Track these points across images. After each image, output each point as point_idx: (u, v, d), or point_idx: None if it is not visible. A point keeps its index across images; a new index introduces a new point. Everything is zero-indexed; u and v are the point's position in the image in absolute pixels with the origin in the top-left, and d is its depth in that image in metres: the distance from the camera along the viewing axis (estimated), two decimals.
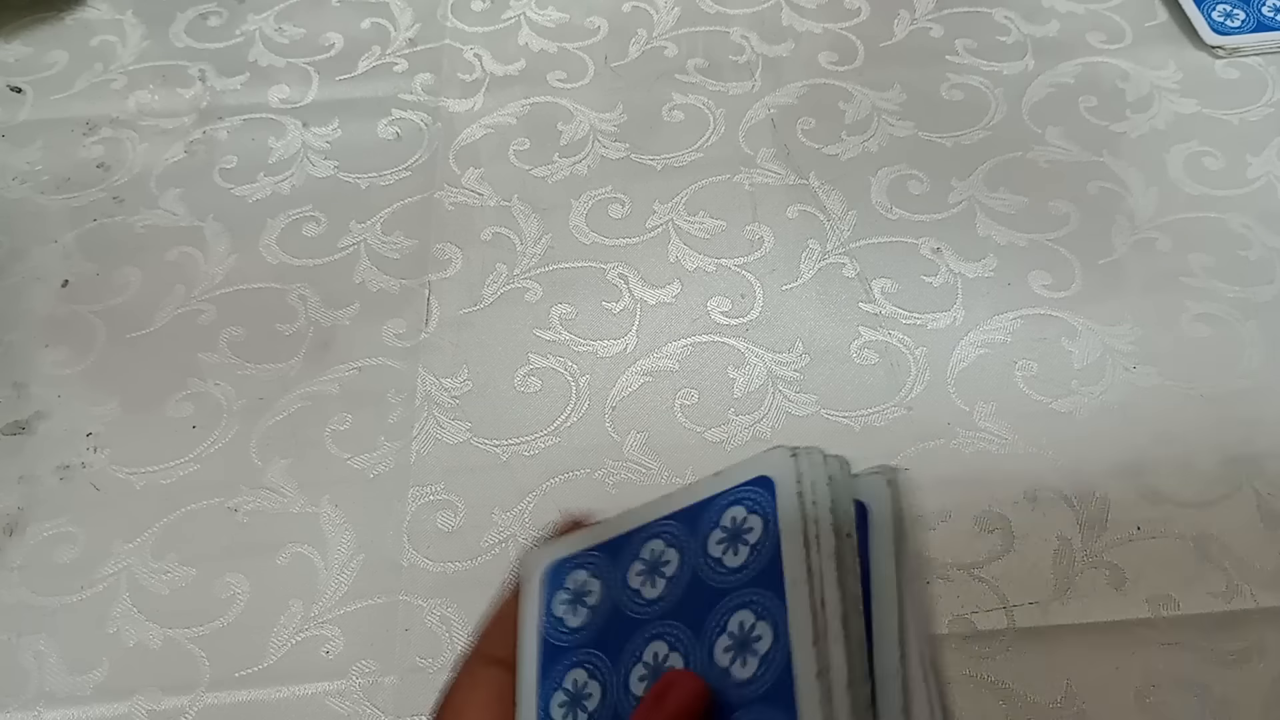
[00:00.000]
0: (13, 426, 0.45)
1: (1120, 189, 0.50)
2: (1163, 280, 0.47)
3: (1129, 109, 0.53)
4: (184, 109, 0.56)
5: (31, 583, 0.41)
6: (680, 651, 0.23)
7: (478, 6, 0.60)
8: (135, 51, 0.58)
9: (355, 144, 0.54)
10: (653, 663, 0.23)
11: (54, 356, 0.47)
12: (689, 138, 0.53)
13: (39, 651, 0.40)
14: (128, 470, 0.44)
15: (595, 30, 0.58)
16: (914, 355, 0.45)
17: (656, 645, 0.23)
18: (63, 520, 0.43)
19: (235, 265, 0.50)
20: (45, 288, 0.49)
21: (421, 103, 0.56)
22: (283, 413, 0.45)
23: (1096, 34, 0.56)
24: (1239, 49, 0.54)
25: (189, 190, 0.52)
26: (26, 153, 0.54)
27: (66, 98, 0.56)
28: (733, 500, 0.24)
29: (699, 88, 0.55)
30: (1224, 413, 0.43)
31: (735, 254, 0.49)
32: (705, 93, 0.55)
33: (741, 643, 0.22)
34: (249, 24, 0.59)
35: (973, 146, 0.52)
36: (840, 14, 0.58)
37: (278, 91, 0.56)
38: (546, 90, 0.56)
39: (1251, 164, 0.51)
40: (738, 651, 0.22)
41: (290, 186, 0.52)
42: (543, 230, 0.50)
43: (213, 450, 0.44)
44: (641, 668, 0.23)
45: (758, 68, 0.56)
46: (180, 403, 0.45)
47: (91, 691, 0.39)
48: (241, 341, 0.47)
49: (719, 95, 0.55)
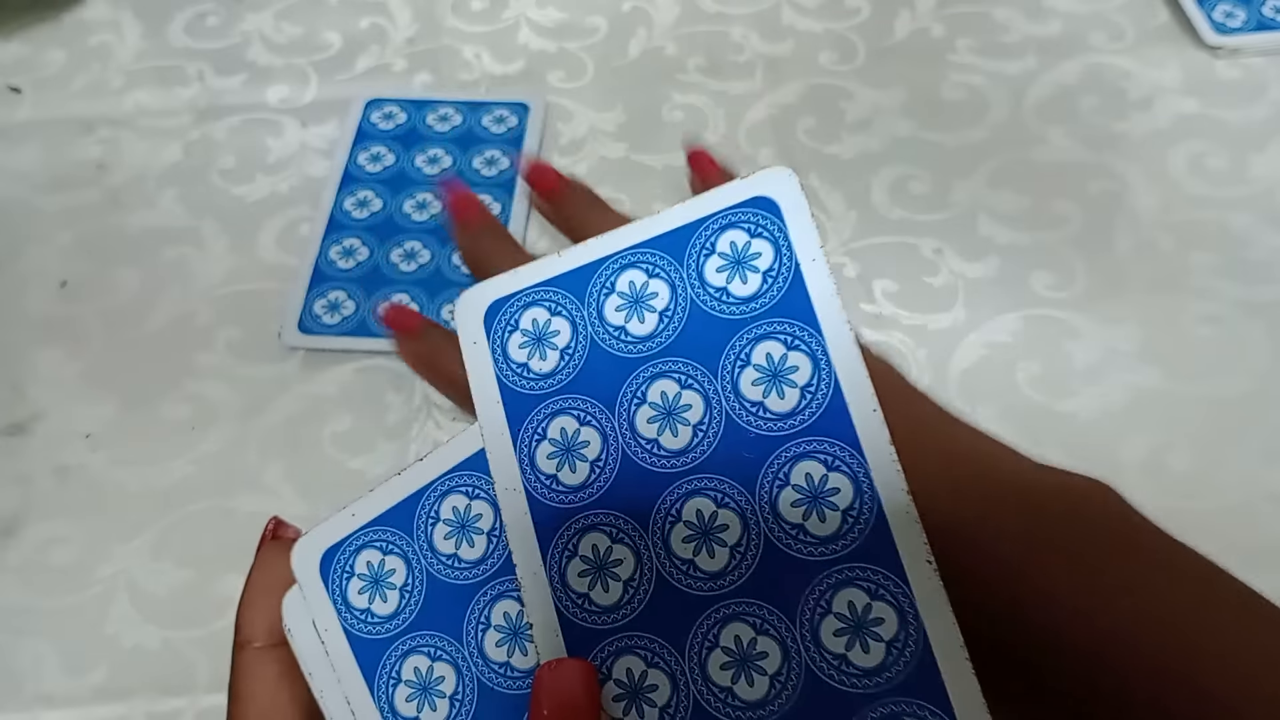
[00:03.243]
0: (10, 428, 0.45)
1: (1122, 189, 0.50)
2: (1165, 280, 0.47)
3: (1131, 109, 0.53)
4: (182, 109, 0.55)
5: (29, 584, 0.41)
6: (697, 388, 0.21)
7: (477, 6, 0.59)
8: (133, 51, 0.58)
9: None
10: (662, 404, 0.21)
11: (51, 357, 0.47)
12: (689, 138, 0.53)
13: (37, 653, 0.39)
14: (126, 471, 0.43)
15: (595, 30, 0.58)
16: (915, 356, 0.45)
17: (663, 384, 0.21)
18: (60, 522, 0.42)
19: (233, 265, 0.49)
20: (42, 288, 0.49)
21: None
22: (281, 414, 0.45)
23: (1098, 34, 0.56)
24: (1240, 49, 0.54)
25: (187, 190, 0.52)
26: (24, 152, 0.54)
27: (64, 97, 0.56)
28: (726, 224, 0.21)
29: (699, 88, 0.55)
30: (1227, 413, 0.43)
31: None
32: (705, 93, 0.55)
33: (774, 374, 0.20)
34: (247, 24, 0.59)
35: (974, 146, 0.52)
36: (841, 13, 0.58)
37: (276, 91, 0.56)
38: (546, 90, 0.55)
39: (1253, 163, 0.50)
40: (770, 383, 0.20)
41: (289, 186, 0.52)
42: (543, 229, 0.50)
43: (211, 451, 0.44)
44: (649, 409, 0.21)
45: (758, 68, 0.56)
46: (178, 403, 0.45)
47: (89, 693, 0.39)
48: (240, 342, 0.47)
49: (719, 95, 0.55)
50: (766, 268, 0.21)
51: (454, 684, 0.21)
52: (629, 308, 0.21)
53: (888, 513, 0.20)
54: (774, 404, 0.20)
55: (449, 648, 0.21)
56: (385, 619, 0.22)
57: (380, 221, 0.50)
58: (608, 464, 0.21)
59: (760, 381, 0.21)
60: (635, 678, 0.20)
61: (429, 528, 0.22)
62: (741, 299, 0.21)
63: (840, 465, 0.20)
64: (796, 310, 0.21)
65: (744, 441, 0.20)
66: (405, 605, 0.22)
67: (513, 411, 0.21)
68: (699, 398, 0.21)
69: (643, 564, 0.20)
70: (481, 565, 0.21)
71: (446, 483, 0.22)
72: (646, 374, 0.21)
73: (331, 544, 0.22)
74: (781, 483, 0.20)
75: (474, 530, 0.22)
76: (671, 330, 0.21)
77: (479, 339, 0.22)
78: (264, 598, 0.23)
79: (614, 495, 0.21)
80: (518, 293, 0.22)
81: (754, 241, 0.21)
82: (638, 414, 0.21)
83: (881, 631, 0.19)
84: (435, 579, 0.22)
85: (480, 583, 0.21)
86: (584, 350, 0.21)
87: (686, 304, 0.21)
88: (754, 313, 0.21)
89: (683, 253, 0.21)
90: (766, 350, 0.21)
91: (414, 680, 0.21)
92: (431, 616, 0.21)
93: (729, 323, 0.21)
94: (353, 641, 0.22)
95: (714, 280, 0.21)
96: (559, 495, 0.21)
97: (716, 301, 0.21)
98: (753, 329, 0.21)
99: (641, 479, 0.21)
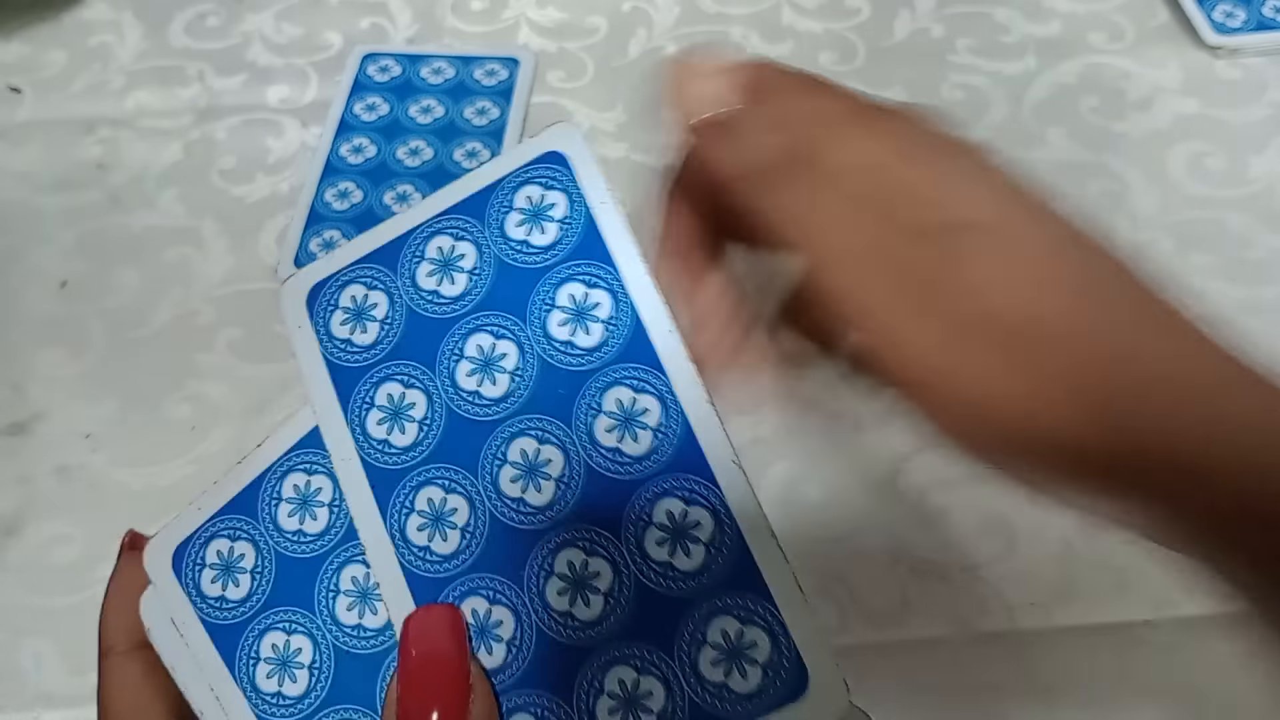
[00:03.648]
0: (11, 427, 0.45)
1: (1121, 189, 0.50)
2: (1165, 281, 0.47)
3: (1130, 109, 0.53)
4: (182, 109, 0.56)
5: (30, 584, 0.41)
6: (510, 337, 0.22)
7: (477, 6, 0.60)
8: (134, 51, 0.58)
9: None
10: (480, 356, 0.22)
11: (52, 357, 0.47)
12: None
13: (38, 653, 0.39)
14: (126, 471, 0.43)
15: (595, 30, 0.58)
16: None
17: (479, 338, 0.22)
18: (61, 521, 0.42)
19: (234, 265, 0.49)
20: (43, 288, 0.49)
21: None
22: (281, 414, 0.45)
23: (1098, 34, 0.56)
24: (1240, 49, 0.54)
25: (187, 190, 0.52)
26: (25, 153, 0.54)
27: (65, 98, 0.56)
28: (522, 181, 0.23)
29: None
30: None
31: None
32: None
33: (578, 313, 0.22)
34: (247, 24, 0.59)
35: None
36: (841, 14, 0.58)
37: (276, 91, 0.56)
38: (546, 90, 0.55)
39: (1253, 164, 0.50)
40: (575, 321, 0.22)
41: (289, 186, 0.52)
42: None
43: (211, 451, 0.44)
44: (467, 363, 0.22)
45: None
46: (179, 403, 0.45)
47: (90, 693, 0.38)
48: (240, 342, 0.47)
49: None
50: (562, 216, 0.22)
51: (311, 654, 0.22)
52: (439, 271, 0.23)
53: (692, 421, 0.21)
54: (581, 340, 0.22)
55: (303, 620, 0.22)
56: (238, 603, 0.23)
57: (374, 166, 0.52)
58: (434, 421, 0.22)
59: (567, 322, 0.22)
60: (481, 616, 0.21)
61: (273, 508, 0.23)
62: (542, 248, 0.22)
63: (647, 388, 0.21)
64: (593, 251, 0.22)
65: (558, 379, 0.22)
66: (257, 586, 0.23)
67: (341, 385, 0.23)
68: (513, 345, 0.22)
69: (476, 509, 0.21)
70: (325, 536, 0.23)
71: (285, 463, 0.23)
72: (462, 331, 0.22)
73: (181, 540, 0.23)
74: (595, 411, 0.21)
75: (315, 504, 0.23)
76: (481, 287, 0.22)
77: (303, 323, 0.23)
78: (123, 604, 0.23)
79: (443, 449, 0.22)
80: (335, 274, 0.23)
81: (548, 194, 0.23)
82: (458, 369, 0.22)
83: (700, 534, 0.21)
84: (284, 556, 0.23)
85: (326, 553, 0.22)
86: (401, 318, 0.23)
87: (492, 260, 0.22)
88: (554, 259, 0.22)
89: (484, 213, 0.23)
90: (570, 291, 0.22)
91: (273, 657, 0.22)
92: (283, 592, 0.23)
93: (533, 271, 0.22)
94: (210, 629, 0.23)
95: (515, 234, 0.22)
96: (391, 458, 0.22)
97: (519, 254, 0.22)
98: (555, 274, 0.22)
99: (468, 429, 0.22)
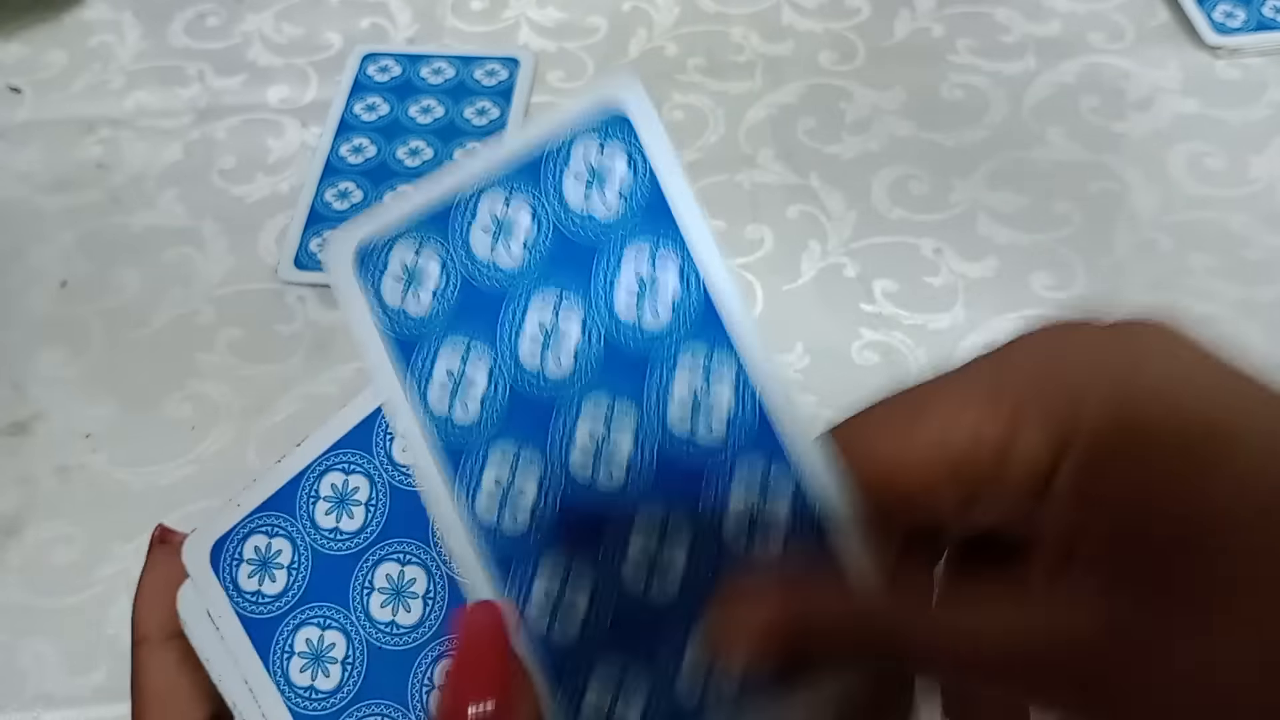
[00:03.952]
0: (11, 427, 0.45)
1: (1121, 189, 0.50)
2: (1164, 281, 0.47)
3: (1130, 109, 0.53)
4: (182, 109, 0.56)
5: (30, 584, 0.41)
6: (575, 309, 0.21)
7: (477, 6, 0.60)
8: (133, 51, 0.58)
9: None
10: (540, 333, 0.21)
11: (52, 357, 0.47)
12: (689, 138, 0.53)
13: (38, 653, 0.39)
14: (126, 471, 0.44)
15: (595, 30, 0.58)
16: (915, 356, 0.45)
17: (538, 314, 0.21)
18: (61, 521, 0.42)
19: (234, 265, 0.49)
20: (43, 288, 0.49)
21: None
22: (282, 414, 0.45)
23: (1098, 34, 0.56)
24: (1240, 49, 0.54)
25: (187, 190, 0.52)
26: (25, 153, 0.54)
27: (65, 98, 0.56)
28: (575, 141, 0.21)
29: (699, 88, 0.55)
30: None
31: (735, 254, 0.49)
32: (705, 93, 0.55)
33: (645, 285, 0.21)
34: (247, 24, 0.59)
35: (974, 146, 0.52)
36: (841, 13, 0.58)
37: (277, 91, 0.56)
38: (546, 90, 0.55)
39: (1253, 164, 0.50)
40: (641, 296, 0.21)
41: (289, 186, 0.52)
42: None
43: (211, 451, 0.44)
44: (528, 341, 0.21)
45: (758, 68, 0.56)
46: (179, 403, 0.45)
47: (90, 693, 0.39)
48: (240, 342, 0.47)
49: (719, 95, 0.55)
50: (621, 187, 0.21)
51: (344, 649, 0.23)
52: (496, 239, 0.21)
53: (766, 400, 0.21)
54: (648, 320, 0.21)
55: (337, 615, 0.23)
56: (275, 598, 0.23)
57: (374, 166, 0.52)
58: (498, 393, 0.21)
59: (634, 296, 0.21)
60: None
61: (311, 506, 0.23)
62: (602, 220, 0.21)
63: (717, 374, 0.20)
64: (657, 223, 0.21)
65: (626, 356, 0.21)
66: (293, 582, 0.23)
67: (401, 357, 0.21)
68: (577, 324, 0.21)
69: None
70: (362, 534, 0.23)
71: (324, 462, 0.23)
72: (520, 305, 0.21)
73: (220, 536, 0.24)
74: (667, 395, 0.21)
75: (352, 503, 0.23)
76: (538, 259, 0.21)
77: (351, 288, 0.21)
78: (156, 596, 0.24)
79: (510, 423, 0.21)
80: (385, 233, 0.22)
81: (604, 157, 0.21)
82: (519, 346, 0.21)
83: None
84: (320, 553, 0.23)
85: (361, 550, 0.23)
86: (455, 287, 0.21)
87: (550, 229, 0.21)
88: (616, 230, 0.21)
89: (537, 177, 0.21)
90: (635, 267, 0.21)
91: (306, 651, 0.23)
92: (319, 589, 0.23)
93: (589, 246, 0.21)
94: (246, 623, 0.23)
95: (575, 204, 0.21)
96: (458, 432, 0.21)
97: (581, 226, 0.21)
98: (618, 246, 0.21)
99: (533, 403, 0.21)
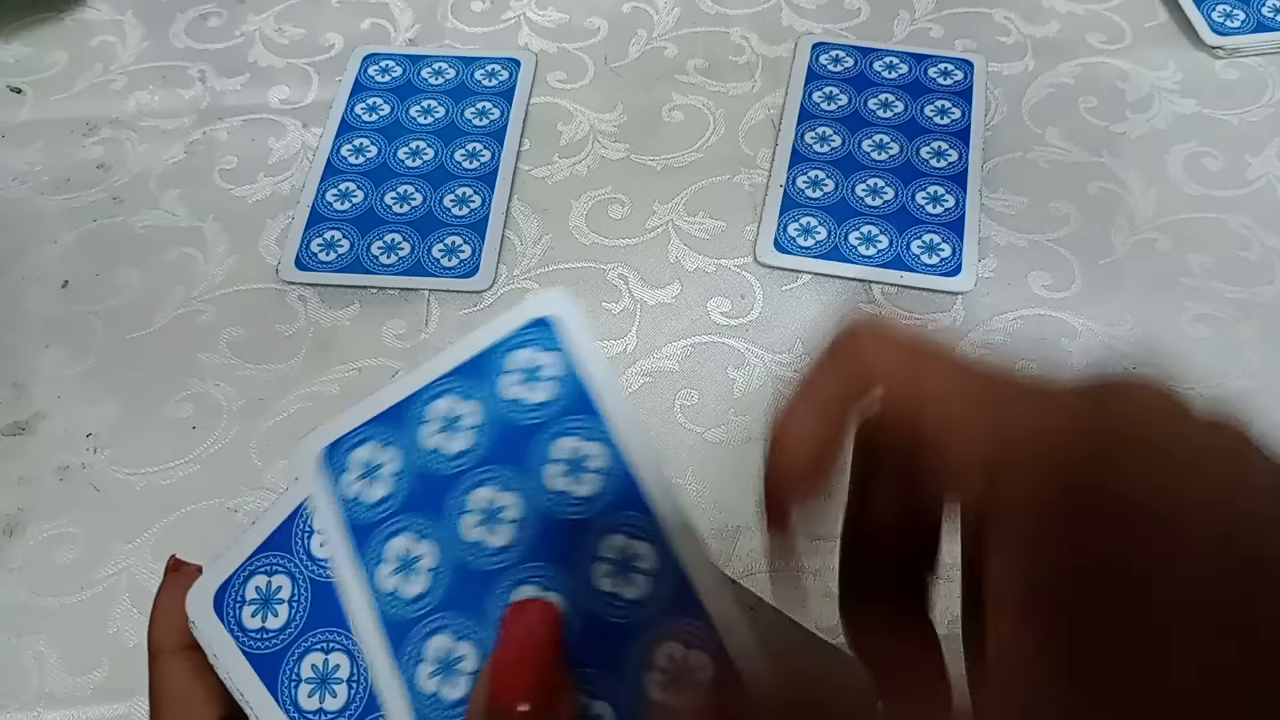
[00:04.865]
0: (12, 427, 0.45)
1: (1120, 189, 0.50)
2: (1163, 281, 0.47)
3: (1129, 109, 0.53)
4: (184, 109, 0.56)
5: (31, 584, 0.41)
6: (514, 489, 0.23)
7: (478, 7, 0.60)
8: (135, 52, 0.58)
9: None
10: (485, 509, 0.23)
11: (54, 357, 0.47)
12: (689, 138, 0.53)
13: (39, 652, 0.40)
14: (127, 471, 0.44)
15: (595, 30, 0.58)
16: None
17: (482, 492, 0.23)
18: (62, 521, 0.43)
19: (235, 266, 0.50)
20: (45, 288, 0.49)
21: None
22: (283, 413, 0.45)
23: (1096, 34, 0.56)
24: (1239, 49, 0.54)
25: (189, 191, 0.52)
26: (26, 153, 0.54)
27: (66, 98, 0.56)
28: (515, 345, 0.25)
29: (699, 88, 0.55)
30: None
31: (735, 254, 0.49)
32: (705, 93, 0.55)
33: (574, 464, 0.23)
34: (249, 24, 0.59)
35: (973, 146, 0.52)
36: (840, 14, 0.58)
37: (278, 92, 0.56)
38: (546, 90, 0.56)
39: (1251, 164, 0.51)
40: (571, 471, 0.23)
41: (290, 187, 0.52)
42: (543, 230, 0.50)
43: (213, 451, 0.44)
44: (472, 516, 0.23)
45: (758, 68, 0.56)
46: (180, 403, 0.45)
47: (91, 692, 0.39)
48: (241, 342, 0.47)
49: (719, 95, 0.55)
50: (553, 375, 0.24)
51: (349, 669, 0.24)
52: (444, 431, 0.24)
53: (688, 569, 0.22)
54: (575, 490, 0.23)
55: (340, 638, 0.24)
56: (278, 631, 0.24)
57: (375, 167, 0.52)
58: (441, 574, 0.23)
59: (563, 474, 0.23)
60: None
61: (305, 540, 0.25)
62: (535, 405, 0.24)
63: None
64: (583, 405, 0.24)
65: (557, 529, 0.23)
66: (295, 614, 0.24)
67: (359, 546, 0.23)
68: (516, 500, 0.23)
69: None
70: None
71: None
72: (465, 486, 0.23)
73: (221, 582, 0.25)
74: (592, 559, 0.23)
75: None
76: (482, 445, 0.24)
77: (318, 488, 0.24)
78: (171, 610, 0.25)
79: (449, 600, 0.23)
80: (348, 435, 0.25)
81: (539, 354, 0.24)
82: (460, 524, 0.23)
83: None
84: (317, 582, 0.25)
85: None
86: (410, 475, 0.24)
87: (492, 419, 0.24)
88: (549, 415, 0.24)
89: (480, 376, 0.24)
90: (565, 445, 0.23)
91: (312, 676, 0.24)
92: (319, 614, 0.24)
93: (528, 429, 0.24)
94: (253, 660, 0.24)
95: (512, 394, 0.24)
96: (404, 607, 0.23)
97: (517, 412, 0.24)
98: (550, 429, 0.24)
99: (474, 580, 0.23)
